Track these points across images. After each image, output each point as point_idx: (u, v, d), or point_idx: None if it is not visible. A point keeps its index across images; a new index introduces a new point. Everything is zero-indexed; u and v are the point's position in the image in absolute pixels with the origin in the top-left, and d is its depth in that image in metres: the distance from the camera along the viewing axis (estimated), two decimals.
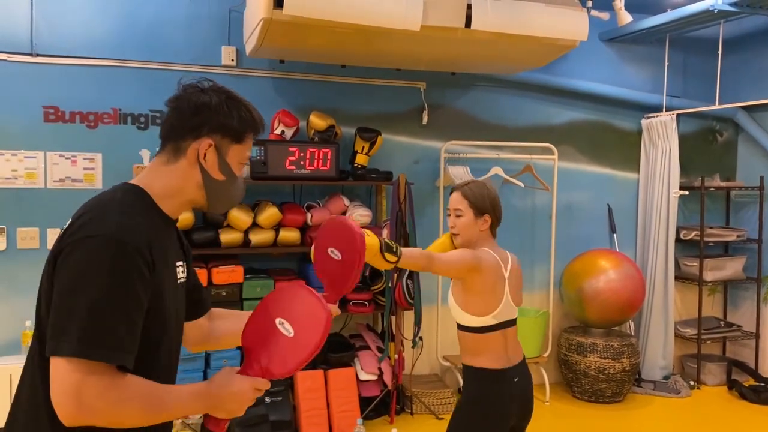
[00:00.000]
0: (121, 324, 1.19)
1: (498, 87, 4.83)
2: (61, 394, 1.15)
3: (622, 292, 4.57)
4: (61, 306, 1.18)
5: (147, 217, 1.32)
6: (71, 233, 1.23)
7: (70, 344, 1.15)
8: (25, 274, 3.88)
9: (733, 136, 5.49)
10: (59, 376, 1.16)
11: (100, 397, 1.16)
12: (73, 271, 1.19)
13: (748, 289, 5.29)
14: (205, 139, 1.37)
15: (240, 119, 1.39)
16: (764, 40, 5.06)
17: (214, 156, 1.38)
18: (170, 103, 1.39)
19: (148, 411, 1.22)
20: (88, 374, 1.15)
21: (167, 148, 1.39)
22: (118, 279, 1.19)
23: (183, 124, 1.36)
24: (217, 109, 1.36)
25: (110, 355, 1.17)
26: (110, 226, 1.22)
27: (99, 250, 1.19)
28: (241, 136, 1.41)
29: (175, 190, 1.38)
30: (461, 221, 2.36)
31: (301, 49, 3.91)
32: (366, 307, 4.18)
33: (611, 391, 4.59)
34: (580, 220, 5.10)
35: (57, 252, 1.24)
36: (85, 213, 1.27)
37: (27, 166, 3.86)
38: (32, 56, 3.84)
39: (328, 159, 4.05)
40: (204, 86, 1.39)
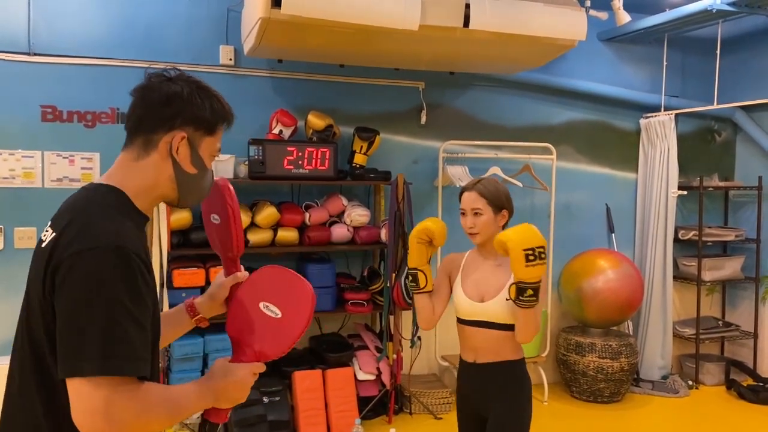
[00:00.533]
0: (136, 333, 1.16)
1: (496, 87, 4.82)
2: (89, 414, 1.11)
3: (621, 291, 4.57)
4: (71, 324, 1.13)
5: (130, 219, 1.28)
6: (65, 246, 1.17)
7: (92, 363, 1.11)
8: (23, 274, 3.83)
9: (731, 136, 5.49)
10: (83, 396, 1.12)
11: (129, 410, 1.14)
12: (78, 286, 1.14)
13: (746, 288, 5.29)
14: (177, 132, 1.30)
15: (212, 110, 1.33)
16: (762, 39, 5.06)
17: (187, 149, 1.32)
18: (136, 92, 1.32)
19: (170, 415, 1.22)
20: (114, 390, 1.12)
21: (136, 141, 1.31)
22: (126, 288, 1.16)
23: (153, 115, 1.29)
24: (189, 100, 1.30)
25: (132, 367, 1.15)
26: (106, 235, 1.17)
27: (102, 261, 1.15)
28: (213, 128, 1.35)
29: (148, 186, 1.32)
30: (482, 220, 2.35)
31: (299, 49, 3.90)
32: (364, 307, 4.17)
33: (609, 391, 4.59)
34: (579, 219, 5.10)
35: (54, 268, 1.17)
36: (72, 223, 1.21)
37: (24, 166, 3.85)
38: (30, 55, 3.83)
39: (327, 159, 4.05)
40: (171, 75, 1.32)
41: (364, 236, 4.18)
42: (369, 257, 4.54)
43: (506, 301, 2.29)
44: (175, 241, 3.77)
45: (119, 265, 1.16)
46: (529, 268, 2.09)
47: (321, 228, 4.12)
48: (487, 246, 2.38)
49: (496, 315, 2.33)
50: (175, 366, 3.77)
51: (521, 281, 2.12)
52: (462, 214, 2.41)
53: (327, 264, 4.20)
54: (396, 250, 4.10)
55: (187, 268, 3.80)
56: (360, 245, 4.21)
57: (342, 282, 4.27)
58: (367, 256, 4.54)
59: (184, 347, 3.76)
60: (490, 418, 2.36)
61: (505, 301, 2.29)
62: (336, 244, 4.16)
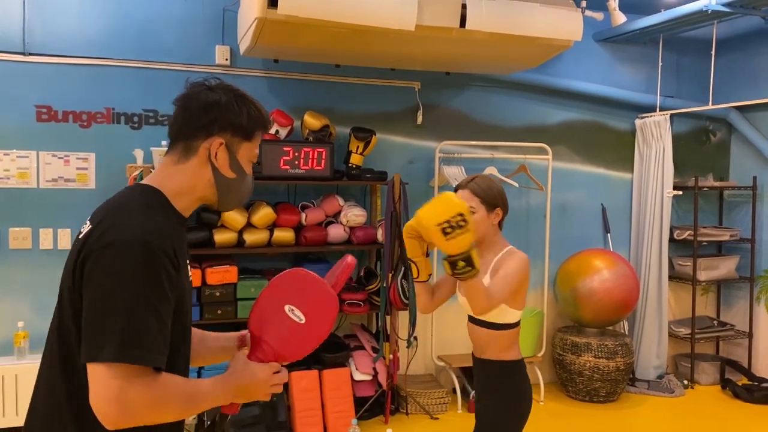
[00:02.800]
0: (156, 326, 1.21)
1: (492, 87, 4.83)
2: (103, 399, 1.16)
3: (617, 291, 4.58)
4: (95, 312, 1.19)
5: (165, 217, 1.33)
6: (96, 238, 1.23)
7: (110, 349, 1.16)
8: (18, 275, 3.85)
9: (726, 136, 5.51)
10: (100, 382, 1.17)
11: (142, 400, 1.18)
12: (104, 277, 1.20)
13: (741, 288, 5.31)
14: (216, 138, 1.37)
15: (249, 117, 1.39)
16: (757, 40, 5.08)
17: (225, 154, 1.38)
18: (178, 101, 1.39)
19: (185, 407, 1.26)
20: (129, 378, 1.17)
21: (177, 147, 1.38)
22: (150, 282, 1.21)
23: (193, 123, 1.36)
24: (227, 108, 1.36)
25: (149, 357, 1.19)
26: (136, 230, 1.23)
27: (128, 254, 1.20)
28: (250, 134, 1.41)
29: (187, 188, 1.38)
30: (475, 218, 2.34)
31: (295, 49, 3.90)
32: (361, 307, 4.17)
33: (605, 391, 4.60)
34: (575, 219, 5.11)
35: (84, 258, 1.23)
36: (106, 217, 1.27)
37: (19, 166, 3.84)
38: (25, 55, 3.82)
39: (323, 159, 4.04)
40: (211, 84, 1.39)
41: (360, 236, 4.18)
42: (365, 257, 4.54)
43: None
44: None
45: (144, 259, 1.20)
46: (450, 241, 1.99)
47: (317, 228, 4.11)
48: (482, 244, 2.40)
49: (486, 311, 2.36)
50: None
51: (448, 256, 2.06)
52: None
53: (323, 264, 4.20)
54: (392, 251, 4.10)
55: None
56: (356, 245, 4.21)
57: None
58: (363, 256, 4.54)
59: None
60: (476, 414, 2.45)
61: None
62: (332, 245, 4.16)
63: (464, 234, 1.99)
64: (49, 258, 3.89)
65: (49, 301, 4.25)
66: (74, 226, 3.93)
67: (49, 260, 3.89)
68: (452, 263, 2.04)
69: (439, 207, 2.01)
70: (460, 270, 2.05)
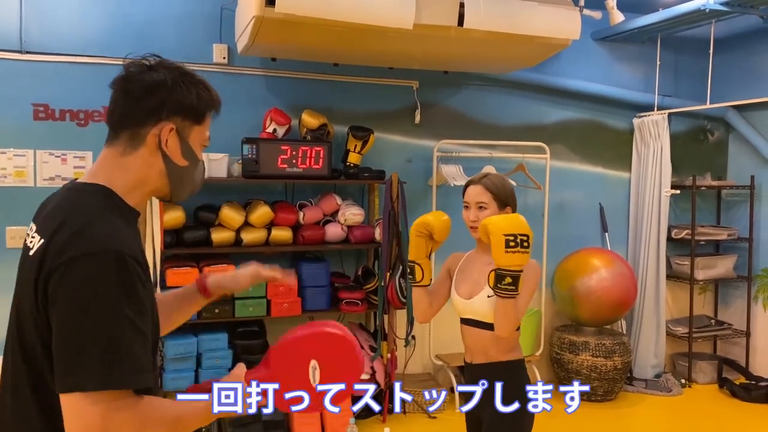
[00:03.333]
0: (138, 343, 1.10)
1: (490, 86, 4.83)
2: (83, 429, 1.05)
3: (614, 290, 4.58)
4: (69, 335, 1.07)
5: (124, 219, 1.22)
6: (57, 252, 1.10)
7: (92, 376, 1.05)
8: (14, 274, 3.83)
9: (724, 136, 5.51)
10: (78, 413, 1.05)
11: (126, 426, 1.07)
12: (75, 295, 1.07)
13: (738, 287, 5.31)
14: (165, 123, 1.23)
15: (199, 98, 1.26)
16: (755, 39, 5.08)
17: (176, 140, 1.25)
18: (117, 85, 1.25)
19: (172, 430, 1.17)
20: (111, 404, 1.06)
21: (122, 136, 1.24)
22: (125, 294, 1.09)
23: (138, 107, 1.22)
24: (174, 88, 1.23)
25: (134, 379, 1.09)
26: (102, 239, 1.11)
27: (98, 267, 1.08)
28: (202, 117, 1.28)
29: (138, 182, 1.25)
30: (485, 214, 2.34)
31: (293, 47, 3.89)
32: (358, 306, 4.17)
33: (603, 390, 4.60)
34: (572, 219, 5.11)
35: (46, 274, 1.10)
36: (62, 226, 1.14)
37: (16, 165, 3.83)
38: (22, 53, 3.81)
39: (321, 158, 4.04)
40: (152, 63, 1.25)
41: (358, 235, 4.17)
42: (363, 256, 4.54)
43: (488, 298, 2.28)
44: (169, 240, 3.75)
45: (117, 271, 1.09)
46: (509, 254, 2.07)
47: (315, 227, 4.11)
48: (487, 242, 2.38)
49: (481, 312, 2.31)
50: (168, 366, 3.75)
51: (500, 267, 2.10)
52: (465, 207, 2.40)
53: (321, 263, 4.20)
54: (390, 249, 4.10)
55: (180, 267, 3.78)
56: (354, 244, 4.21)
57: (336, 281, 4.26)
58: (361, 255, 4.53)
59: (178, 347, 3.74)
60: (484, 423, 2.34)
61: (487, 298, 2.29)
62: (330, 243, 4.15)
63: (524, 254, 2.09)
64: None
65: None
66: None
67: None
68: (500, 276, 2.09)
69: (514, 221, 2.13)
70: (504, 285, 2.09)
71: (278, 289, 3.96)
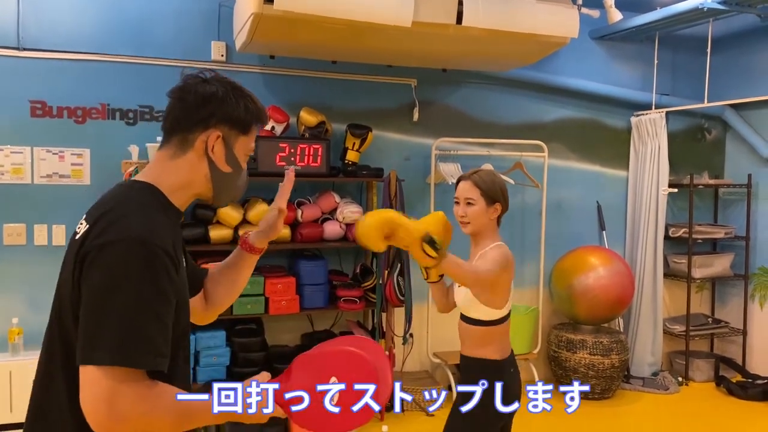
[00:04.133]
0: (155, 328, 1.17)
1: (489, 84, 4.83)
2: (92, 401, 1.13)
3: (612, 288, 4.59)
4: (92, 312, 1.16)
5: (164, 214, 1.31)
6: (95, 236, 1.20)
7: (105, 352, 1.13)
8: (12, 271, 3.83)
9: (721, 134, 5.52)
10: (91, 383, 1.13)
11: (133, 407, 1.14)
12: (102, 276, 1.16)
13: (735, 286, 5.33)
14: (213, 131, 1.34)
15: (247, 110, 1.37)
16: (752, 38, 5.09)
17: (222, 148, 1.36)
18: (173, 94, 1.36)
19: (178, 422, 1.21)
20: (122, 382, 1.13)
21: (173, 141, 1.35)
22: (149, 281, 1.17)
23: (190, 115, 1.34)
24: (224, 100, 1.34)
25: (146, 361, 1.15)
26: (135, 228, 1.20)
27: (127, 253, 1.17)
28: (247, 127, 1.39)
29: (183, 183, 1.36)
30: (473, 210, 2.36)
31: (291, 45, 3.89)
32: (356, 304, 4.17)
33: (601, 388, 4.61)
34: (570, 217, 5.12)
35: (82, 256, 1.20)
36: (103, 215, 1.24)
37: (14, 162, 3.81)
38: (19, 50, 3.79)
39: (319, 155, 4.04)
40: (207, 77, 1.36)
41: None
42: (361, 254, 4.53)
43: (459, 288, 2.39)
44: None
45: (143, 258, 1.17)
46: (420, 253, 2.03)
47: (313, 225, 4.11)
48: (477, 237, 2.41)
49: (460, 303, 2.41)
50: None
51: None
52: (456, 202, 2.44)
53: (319, 261, 4.19)
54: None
55: None
56: (352, 242, 4.20)
57: (334, 279, 4.26)
58: (359, 253, 4.53)
59: None
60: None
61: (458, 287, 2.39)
62: (328, 241, 4.15)
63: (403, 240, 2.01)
64: (44, 254, 3.87)
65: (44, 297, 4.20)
66: (69, 222, 3.91)
67: (44, 256, 3.87)
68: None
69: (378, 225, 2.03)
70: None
71: (276, 287, 3.96)
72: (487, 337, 2.35)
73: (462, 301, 2.39)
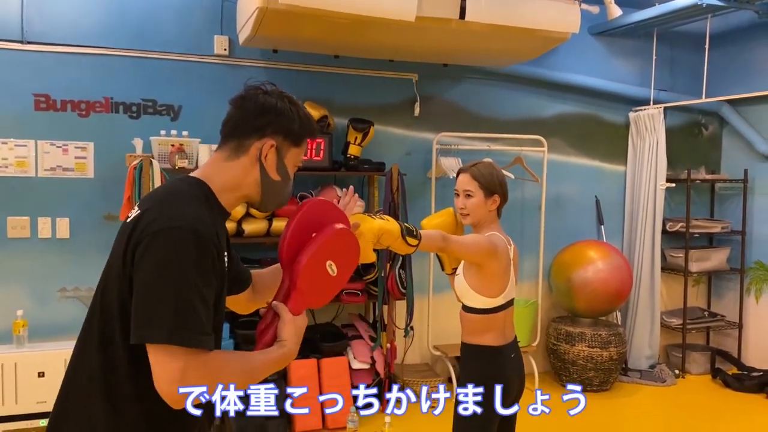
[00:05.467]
0: (202, 309, 1.26)
1: (489, 79, 4.86)
2: (166, 383, 1.22)
3: (611, 282, 4.64)
4: (146, 296, 1.23)
5: (210, 209, 1.38)
6: (148, 224, 1.28)
7: (161, 331, 1.21)
8: (16, 264, 3.85)
9: (718, 130, 5.57)
10: (161, 365, 1.22)
11: (203, 379, 1.24)
12: (157, 261, 1.24)
13: (731, 279, 5.39)
14: (268, 140, 1.42)
15: (301, 124, 1.46)
16: (750, 34, 5.14)
17: (274, 156, 1.44)
18: (235, 102, 1.45)
19: (243, 380, 1.33)
20: (188, 359, 1.22)
21: (229, 144, 1.44)
22: (199, 268, 1.26)
23: (249, 122, 1.42)
24: (282, 113, 1.43)
25: (200, 340, 1.24)
26: (185, 218, 1.28)
27: (179, 240, 1.25)
28: (299, 140, 1.47)
29: (233, 185, 1.43)
30: (471, 202, 2.40)
31: (295, 39, 3.91)
32: (358, 297, 4.20)
33: (599, 380, 4.66)
34: (569, 211, 5.16)
35: (135, 242, 1.27)
36: (156, 204, 1.33)
37: (17, 155, 3.83)
38: (23, 44, 3.81)
39: (321, 149, 4.06)
40: (268, 89, 1.45)
41: None
42: None
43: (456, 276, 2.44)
44: None
45: (193, 245, 1.26)
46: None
47: None
48: (477, 228, 2.45)
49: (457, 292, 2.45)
50: None
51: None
52: (456, 195, 2.48)
53: None
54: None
55: None
56: None
57: None
58: None
59: None
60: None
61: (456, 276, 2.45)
62: None
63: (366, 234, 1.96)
64: (48, 247, 3.89)
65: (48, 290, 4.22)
66: (73, 215, 3.93)
67: (48, 249, 3.89)
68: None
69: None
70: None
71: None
72: (484, 324, 2.38)
73: (458, 290, 2.44)
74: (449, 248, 2.23)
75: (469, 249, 2.29)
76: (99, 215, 3.98)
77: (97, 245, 3.96)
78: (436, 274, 4.57)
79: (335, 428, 3.87)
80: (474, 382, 2.32)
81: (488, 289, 2.35)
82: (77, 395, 1.35)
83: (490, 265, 2.33)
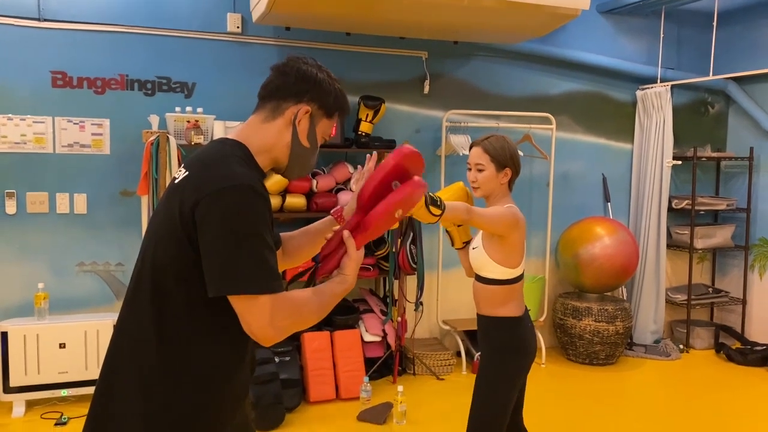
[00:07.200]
0: (272, 257, 1.35)
1: (498, 57, 4.90)
2: (259, 327, 1.32)
3: (617, 257, 4.70)
4: (221, 250, 1.30)
5: (251, 169, 1.44)
6: (202, 184, 1.33)
7: (246, 282, 1.30)
8: (36, 238, 3.93)
9: (724, 108, 5.62)
10: (249, 312, 1.31)
11: (287, 317, 1.34)
12: (223, 218, 1.30)
13: (735, 256, 5.46)
14: (303, 105, 1.48)
15: (336, 97, 1.52)
16: (757, 12, 5.17)
17: (307, 123, 1.49)
18: (277, 68, 1.51)
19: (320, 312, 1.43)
20: (273, 304, 1.31)
21: (267, 106, 1.49)
22: (262, 220, 1.34)
23: (288, 86, 1.48)
24: (320, 83, 1.49)
25: (273, 285, 1.33)
26: (240, 177, 1.33)
27: (240, 197, 1.31)
28: (332, 112, 1.53)
29: (267, 146, 1.49)
30: (483, 175, 2.44)
31: (308, 16, 3.95)
32: (370, 272, 4.28)
33: (605, 354, 4.75)
34: (576, 188, 5.22)
35: (194, 203, 1.32)
36: (206, 167, 1.38)
37: (36, 131, 3.89)
38: (39, 21, 3.85)
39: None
40: (309, 61, 1.51)
41: None
42: None
43: (473, 250, 2.48)
44: None
45: (254, 200, 1.33)
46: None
47: (328, 194, 4.20)
48: (489, 201, 2.48)
49: (475, 264, 2.48)
50: None
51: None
52: (468, 168, 2.51)
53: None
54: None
55: None
56: None
57: None
58: None
59: None
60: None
61: (472, 249, 2.48)
62: None
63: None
64: (66, 222, 3.97)
65: (67, 263, 4.29)
66: (90, 190, 4.00)
67: (66, 224, 3.96)
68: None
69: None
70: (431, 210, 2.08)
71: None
72: (505, 295, 2.41)
73: (477, 263, 2.46)
74: (473, 220, 2.26)
75: (493, 220, 2.33)
76: (115, 191, 4.05)
77: (113, 221, 4.04)
78: (446, 250, 4.65)
79: (349, 398, 3.97)
80: (499, 354, 2.43)
81: (509, 260, 2.39)
82: (130, 347, 1.41)
83: (512, 236, 2.37)
